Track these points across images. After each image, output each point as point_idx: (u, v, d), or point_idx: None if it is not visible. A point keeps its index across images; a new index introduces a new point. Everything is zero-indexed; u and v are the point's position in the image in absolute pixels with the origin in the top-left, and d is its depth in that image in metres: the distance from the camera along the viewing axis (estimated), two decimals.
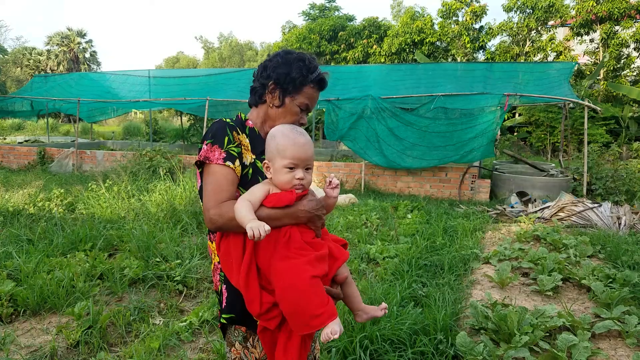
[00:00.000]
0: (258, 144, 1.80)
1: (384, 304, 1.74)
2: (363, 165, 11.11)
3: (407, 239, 6.31)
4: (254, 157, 1.78)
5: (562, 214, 7.91)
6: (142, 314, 4.04)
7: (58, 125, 31.90)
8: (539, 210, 8.36)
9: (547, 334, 3.69)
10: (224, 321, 1.75)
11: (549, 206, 8.33)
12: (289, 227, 1.61)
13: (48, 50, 48.09)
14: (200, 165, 1.74)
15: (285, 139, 1.65)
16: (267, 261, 1.58)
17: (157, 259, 5.14)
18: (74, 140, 14.65)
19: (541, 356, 3.28)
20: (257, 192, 1.64)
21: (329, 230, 6.75)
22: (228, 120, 1.77)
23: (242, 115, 1.86)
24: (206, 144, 1.70)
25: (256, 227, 1.47)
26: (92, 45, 50.26)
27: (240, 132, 1.77)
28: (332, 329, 1.46)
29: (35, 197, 7.85)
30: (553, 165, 12.40)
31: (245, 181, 1.73)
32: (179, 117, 22.10)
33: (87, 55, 50.19)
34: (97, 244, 5.56)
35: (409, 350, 3.25)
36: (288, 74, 1.75)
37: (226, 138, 1.70)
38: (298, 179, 1.64)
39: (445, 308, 3.93)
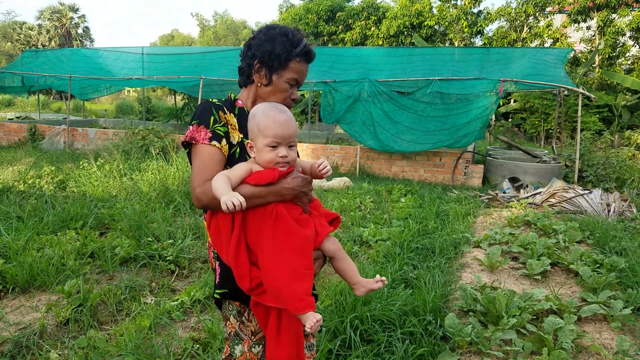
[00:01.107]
0: (246, 123, 1.78)
1: (379, 277, 1.75)
2: (358, 149, 11.11)
3: (400, 223, 6.33)
4: (241, 136, 1.78)
5: (553, 200, 7.96)
6: (133, 293, 4.05)
7: (49, 102, 31.55)
8: (530, 196, 8.41)
9: (535, 317, 3.74)
10: (217, 296, 1.78)
11: (541, 192, 8.38)
12: (276, 204, 1.62)
13: (39, 25, 47.29)
14: (187, 146, 1.75)
15: (265, 118, 1.64)
16: (255, 238, 1.60)
17: (149, 239, 5.13)
18: (65, 118, 14.50)
19: (528, 338, 3.32)
20: (238, 169, 1.64)
21: None
22: (215, 100, 1.78)
23: (232, 95, 1.86)
24: (192, 125, 1.72)
25: (229, 200, 1.48)
26: (85, 21, 49.49)
27: (227, 112, 1.77)
28: (316, 317, 1.49)
29: (26, 174, 7.78)
30: (546, 151, 12.45)
31: (233, 160, 1.73)
32: (173, 96, 21.89)
33: (80, 31, 49.42)
34: (88, 223, 5.54)
35: (398, 330, 3.28)
36: (272, 51, 1.73)
37: (212, 118, 1.71)
38: (281, 157, 1.63)
39: (435, 290, 3.97)
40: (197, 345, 3.13)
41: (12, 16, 53.35)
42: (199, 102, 12.86)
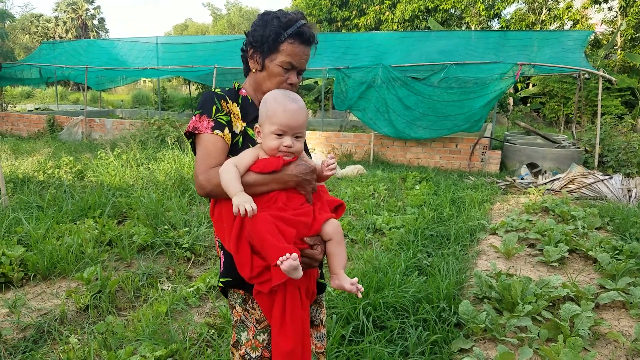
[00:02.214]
0: (250, 112, 1.78)
1: (355, 279, 1.67)
2: (372, 136, 11.04)
3: (414, 210, 6.30)
4: (244, 125, 1.76)
5: (572, 186, 7.85)
6: (150, 280, 4.11)
7: (67, 93, 31.94)
8: (548, 182, 8.30)
9: (551, 304, 3.70)
10: (221, 285, 1.78)
11: (559, 178, 8.26)
12: (277, 192, 1.62)
13: (56, 17, 47.76)
14: (191, 136, 1.74)
15: (276, 104, 1.62)
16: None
17: (166, 227, 5.19)
18: (83, 109, 14.66)
19: (544, 325, 3.30)
20: (245, 156, 1.63)
21: None
22: (218, 90, 1.77)
23: (236, 85, 1.84)
24: (195, 115, 1.72)
25: (242, 205, 1.48)
26: (100, 12, 49.86)
27: (230, 101, 1.75)
28: (293, 257, 1.43)
29: (45, 164, 7.90)
30: (565, 136, 12.24)
31: (236, 149, 1.72)
32: (187, 86, 21.97)
33: (96, 22, 49.79)
34: (105, 211, 5.62)
35: (411, 317, 3.28)
36: (262, 35, 1.71)
37: (214, 107, 1.70)
38: (286, 146, 1.62)
39: (450, 277, 3.96)
40: (213, 331, 3.17)
41: (29, 9, 53.82)
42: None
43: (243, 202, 1.49)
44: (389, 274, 3.85)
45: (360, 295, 1.70)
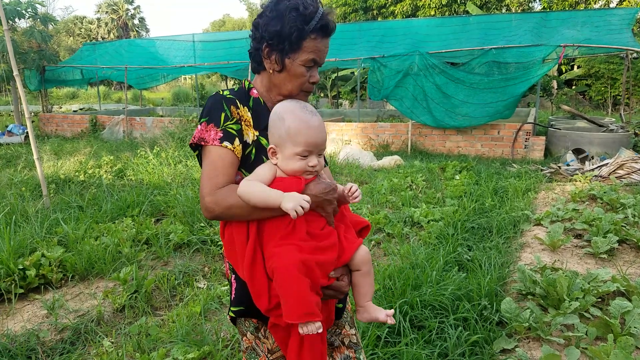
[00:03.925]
0: (263, 117, 1.57)
1: (391, 311, 1.54)
2: (410, 125, 10.81)
3: (454, 201, 6.11)
4: (256, 133, 1.56)
5: (621, 172, 7.45)
6: (186, 278, 4.13)
7: (110, 92, 32.88)
8: (596, 168, 7.91)
9: (600, 300, 3.49)
10: (232, 314, 1.60)
11: (607, 163, 7.86)
12: None
13: (98, 19, 49.18)
14: (196, 148, 1.54)
15: (297, 122, 1.43)
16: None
17: (202, 224, 5.22)
18: (124, 108, 15.01)
19: (592, 323, 3.11)
20: (262, 174, 1.45)
21: (372, 194, 6.52)
22: (226, 92, 1.56)
23: (246, 84, 1.63)
24: (201, 124, 1.51)
25: (298, 206, 1.31)
26: (140, 12, 51.03)
27: (241, 106, 1.54)
28: (317, 326, 1.31)
29: (86, 164, 8.10)
30: (613, 120, 11.66)
31: (248, 162, 1.53)
32: (225, 82, 22.18)
33: (136, 21, 51.03)
34: (142, 210, 5.69)
35: (451, 316, 3.15)
36: (281, 31, 1.46)
37: (223, 114, 1.49)
38: (311, 166, 1.44)
39: (491, 272, 3.79)
40: None
41: (69, 11, 55.57)
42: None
43: (297, 203, 1.31)
44: (427, 270, 3.73)
45: (394, 322, 1.56)
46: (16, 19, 13.75)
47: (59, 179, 7.12)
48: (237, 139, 1.49)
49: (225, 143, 1.47)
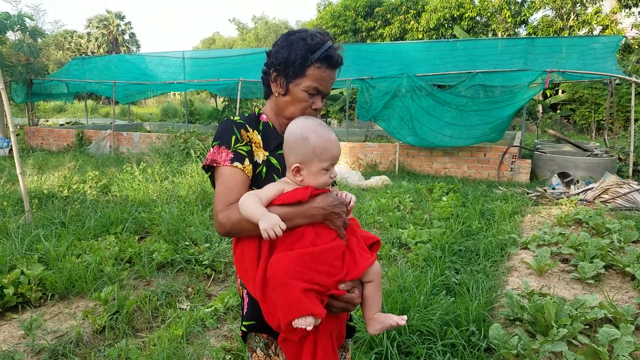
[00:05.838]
0: (272, 140, 1.68)
1: (404, 317, 1.58)
2: (397, 146, 10.86)
3: (442, 223, 6.10)
4: (266, 153, 1.65)
5: (606, 196, 7.52)
6: (169, 299, 4.03)
7: (98, 107, 32.62)
8: (581, 192, 7.98)
9: (587, 326, 3.47)
10: (244, 329, 1.65)
11: (592, 188, 7.93)
12: (304, 227, 1.47)
13: (88, 33, 49.05)
14: (209, 169, 1.64)
15: (322, 140, 1.52)
16: None
17: (187, 243, 5.13)
18: (112, 122, 14.90)
19: (580, 351, 3.08)
20: (269, 190, 1.52)
21: (359, 215, 6.49)
22: (237, 118, 1.67)
23: (256, 110, 1.74)
24: (213, 147, 1.61)
25: (270, 228, 1.36)
26: (131, 27, 50.98)
27: (251, 129, 1.65)
28: (308, 321, 1.34)
29: (70, 179, 7.97)
30: (597, 144, 11.82)
31: (259, 180, 1.61)
32: (214, 99, 22.16)
33: (126, 37, 50.96)
34: (126, 227, 5.59)
35: (439, 342, 3.10)
36: (287, 58, 1.59)
37: (233, 137, 1.60)
38: (332, 177, 1.56)
39: (479, 297, 3.76)
40: (229, 356, 3.06)
41: (59, 25, 55.34)
42: (238, 104, 12.96)
43: (271, 226, 1.36)
44: (415, 293, 3.69)
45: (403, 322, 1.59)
46: (5, 32, 13.65)
47: (42, 194, 6.97)
48: (247, 159, 1.59)
49: (236, 163, 1.57)
